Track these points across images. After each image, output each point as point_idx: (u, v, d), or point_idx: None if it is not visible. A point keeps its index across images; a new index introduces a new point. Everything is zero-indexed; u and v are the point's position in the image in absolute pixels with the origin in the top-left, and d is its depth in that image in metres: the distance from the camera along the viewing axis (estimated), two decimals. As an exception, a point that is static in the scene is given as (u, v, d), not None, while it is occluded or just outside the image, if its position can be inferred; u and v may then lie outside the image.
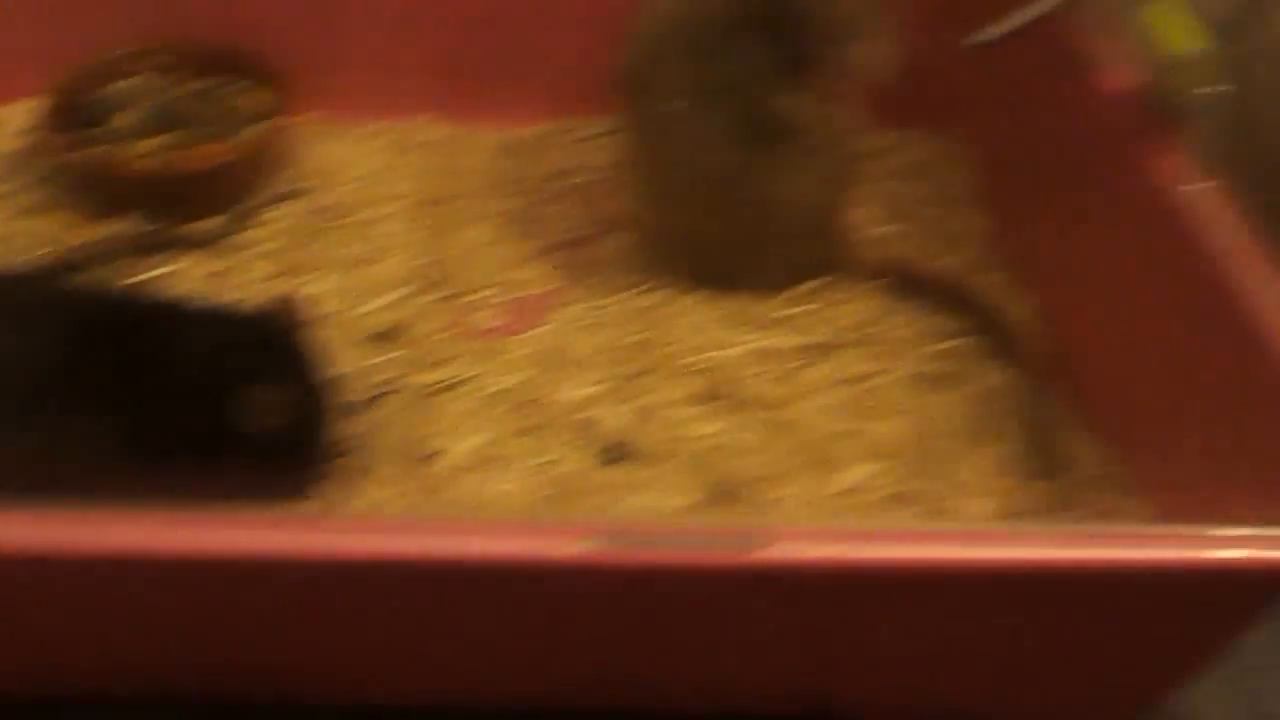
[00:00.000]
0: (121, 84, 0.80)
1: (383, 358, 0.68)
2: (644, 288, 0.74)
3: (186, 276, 0.73)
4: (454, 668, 0.51)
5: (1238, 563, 0.44)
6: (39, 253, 0.72)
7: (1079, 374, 0.67)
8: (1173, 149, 0.62)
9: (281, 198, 0.78)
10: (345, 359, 0.67)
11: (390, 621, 0.48)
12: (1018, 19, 0.68)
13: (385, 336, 0.70)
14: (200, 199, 0.76)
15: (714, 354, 0.69)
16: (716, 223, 0.72)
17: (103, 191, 0.75)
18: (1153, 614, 0.50)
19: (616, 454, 0.63)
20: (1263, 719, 0.57)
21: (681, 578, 0.44)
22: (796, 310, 0.72)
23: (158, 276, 0.72)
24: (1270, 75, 0.66)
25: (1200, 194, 0.59)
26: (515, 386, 0.68)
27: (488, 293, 0.73)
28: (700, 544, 0.42)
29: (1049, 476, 0.63)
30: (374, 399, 0.66)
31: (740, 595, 0.46)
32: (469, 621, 0.48)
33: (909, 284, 0.74)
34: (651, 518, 0.44)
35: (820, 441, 0.65)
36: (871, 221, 0.78)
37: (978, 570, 0.45)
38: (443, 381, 0.68)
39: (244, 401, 0.57)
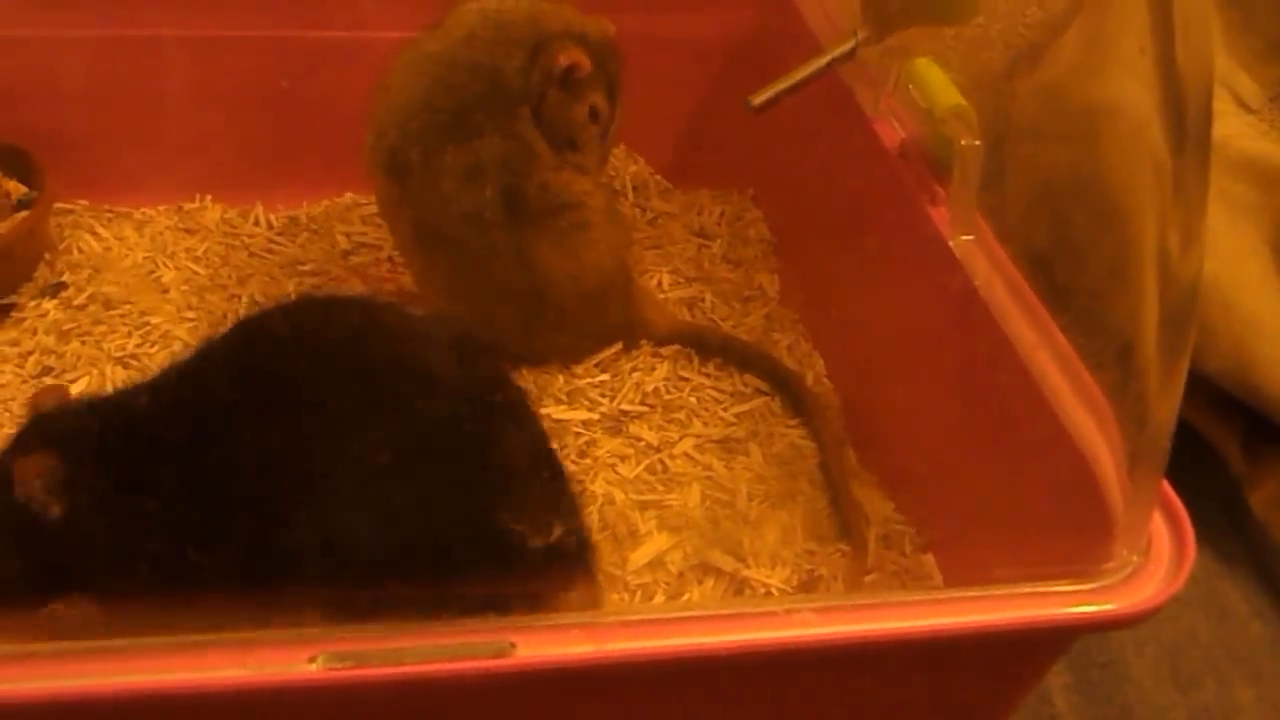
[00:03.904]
0: None
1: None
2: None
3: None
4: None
5: (1008, 625, 0.44)
6: None
7: (869, 431, 0.67)
8: (942, 200, 0.62)
9: (44, 292, 0.73)
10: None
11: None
12: (795, 77, 0.68)
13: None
14: (-51, 302, 0.71)
15: (507, 431, 0.67)
16: (496, 300, 0.70)
17: None
18: (948, 674, 0.49)
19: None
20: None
21: (433, 689, 0.41)
22: (590, 381, 0.71)
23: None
24: (1021, 126, 0.68)
25: (968, 245, 0.59)
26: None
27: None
28: (447, 654, 0.39)
29: (846, 538, 0.63)
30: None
31: (500, 700, 0.43)
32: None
33: (702, 347, 0.73)
34: (382, 628, 0.41)
35: (619, 516, 0.63)
36: (667, 284, 0.77)
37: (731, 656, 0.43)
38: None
39: None
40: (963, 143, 0.58)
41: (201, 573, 0.49)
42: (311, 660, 0.39)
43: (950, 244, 0.60)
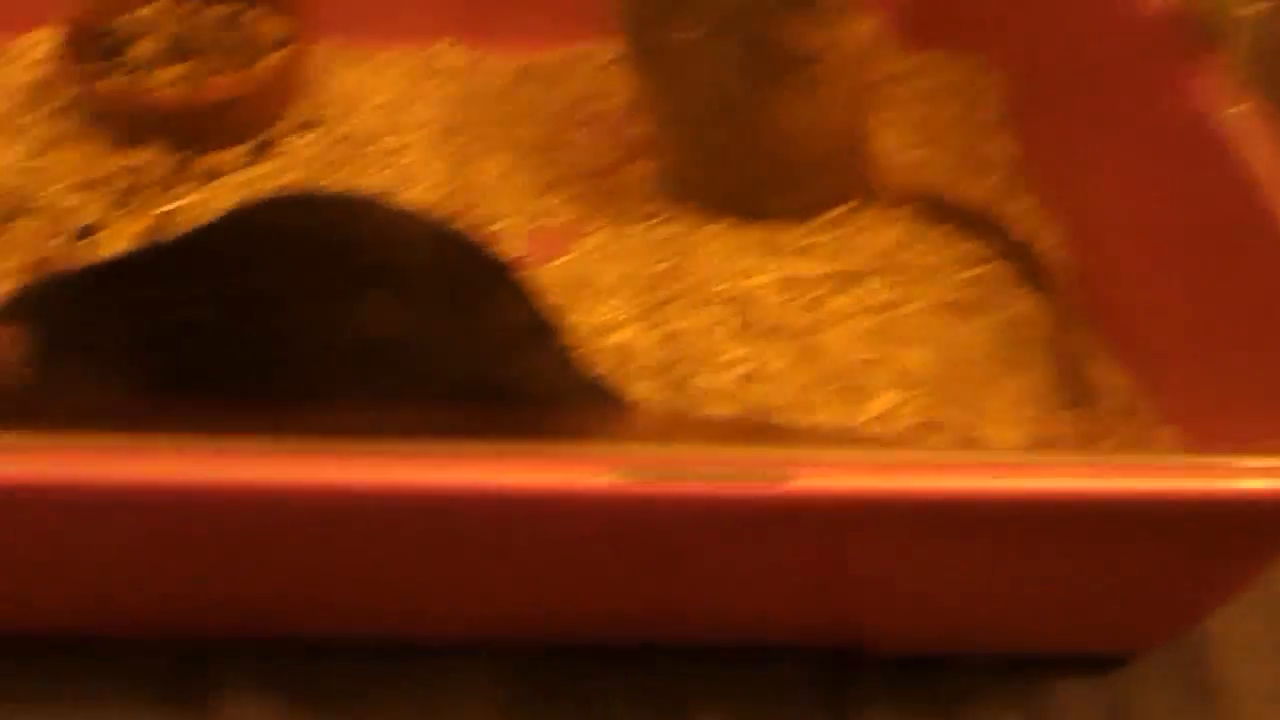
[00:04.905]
0: (139, 12, 0.79)
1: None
2: (667, 216, 0.73)
3: (208, 210, 0.72)
4: (473, 602, 0.52)
5: (1265, 493, 0.44)
6: (63, 185, 0.72)
7: (1107, 301, 0.67)
8: (1210, 70, 0.61)
9: (301, 127, 0.77)
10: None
11: (411, 554, 0.48)
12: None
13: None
14: (221, 129, 0.75)
15: (740, 282, 0.69)
16: (735, 152, 0.71)
17: (123, 122, 0.75)
18: (1181, 544, 0.50)
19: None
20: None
21: (709, 510, 0.43)
22: (821, 238, 0.72)
23: (180, 209, 0.72)
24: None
25: (1237, 116, 0.57)
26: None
27: (509, 223, 0.73)
28: (728, 475, 0.42)
29: (1077, 406, 0.63)
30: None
31: (767, 527, 0.46)
32: (490, 554, 0.48)
33: (935, 210, 0.73)
34: (678, 449, 0.44)
35: (848, 369, 0.64)
36: (897, 146, 0.77)
37: (1009, 501, 0.45)
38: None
39: None
40: (1244, 9, 0.56)
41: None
42: (609, 474, 0.41)
43: (1214, 117, 0.59)
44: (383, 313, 0.55)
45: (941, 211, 0.73)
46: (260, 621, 0.53)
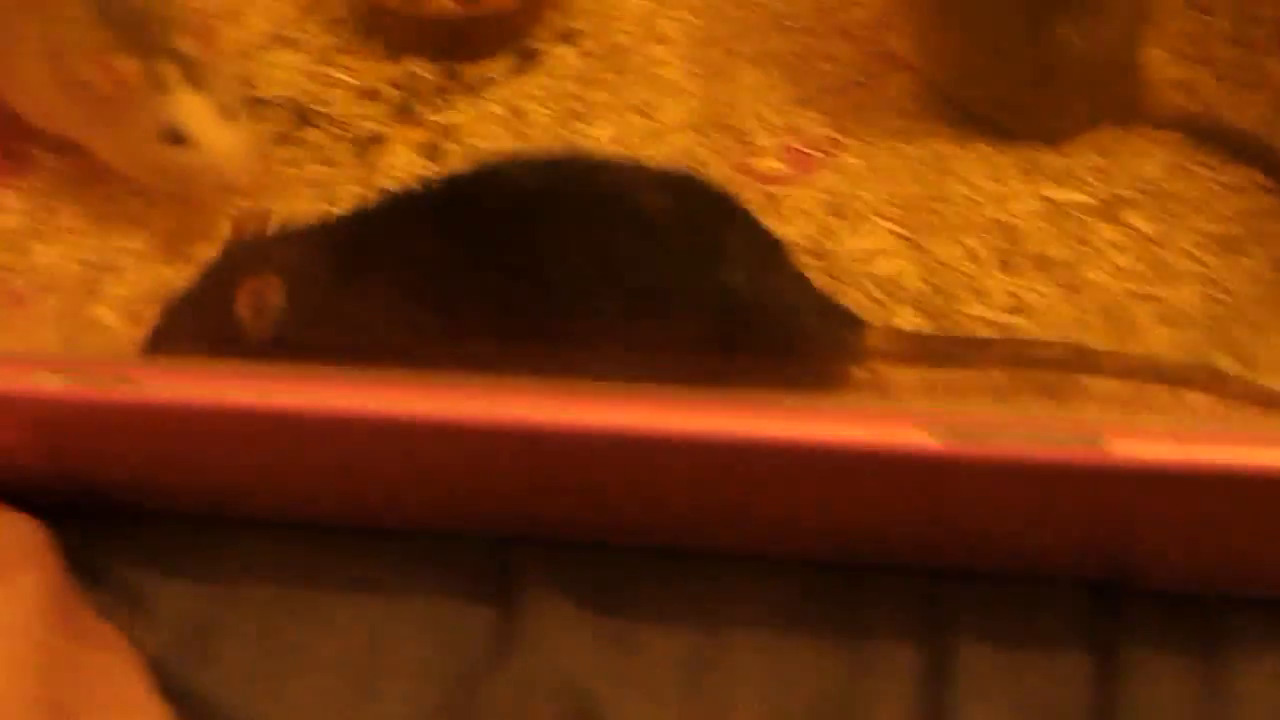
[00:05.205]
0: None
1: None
2: (925, 134, 0.73)
3: (471, 122, 0.75)
4: (760, 525, 0.55)
5: None
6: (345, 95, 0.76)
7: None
8: None
9: (561, 38, 0.79)
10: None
11: (712, 488, 0.51)
12: None
13: (671, 183, 0.72)
14: (488, 39, 0.77)
15: (1003, 207, 0.69)
16: (1005, 67, 0.70)
17: (396, 34, 0.77)
18: None
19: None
20: None
21: (1017, 469, 0.45)
22: (1083, 161, 0.71)
23: (444, 122, 0.75)
24: None
25: None
26: (802, 238, 0.69)
27: (766, 139, 0.74)
28: (1046, 439, 0.44)
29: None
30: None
31: (1067, 481, 0.47)
32: (789, 493, 0.51)
33: (1206, 134, 0.71)
34: (986, 410, 0.45)
35: (1114, 305, 0.64)
36: (1165, 63, 0.75)
37: None
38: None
39: None
40: None
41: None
42: (925, 432, 0.44)
43: None
44: (632, 259, 0.58)
45: (1212, 135, 0.71)
46: (560, 527, 0.57)
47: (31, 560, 0.52)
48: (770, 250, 0.62)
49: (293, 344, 0.57)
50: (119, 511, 0.58)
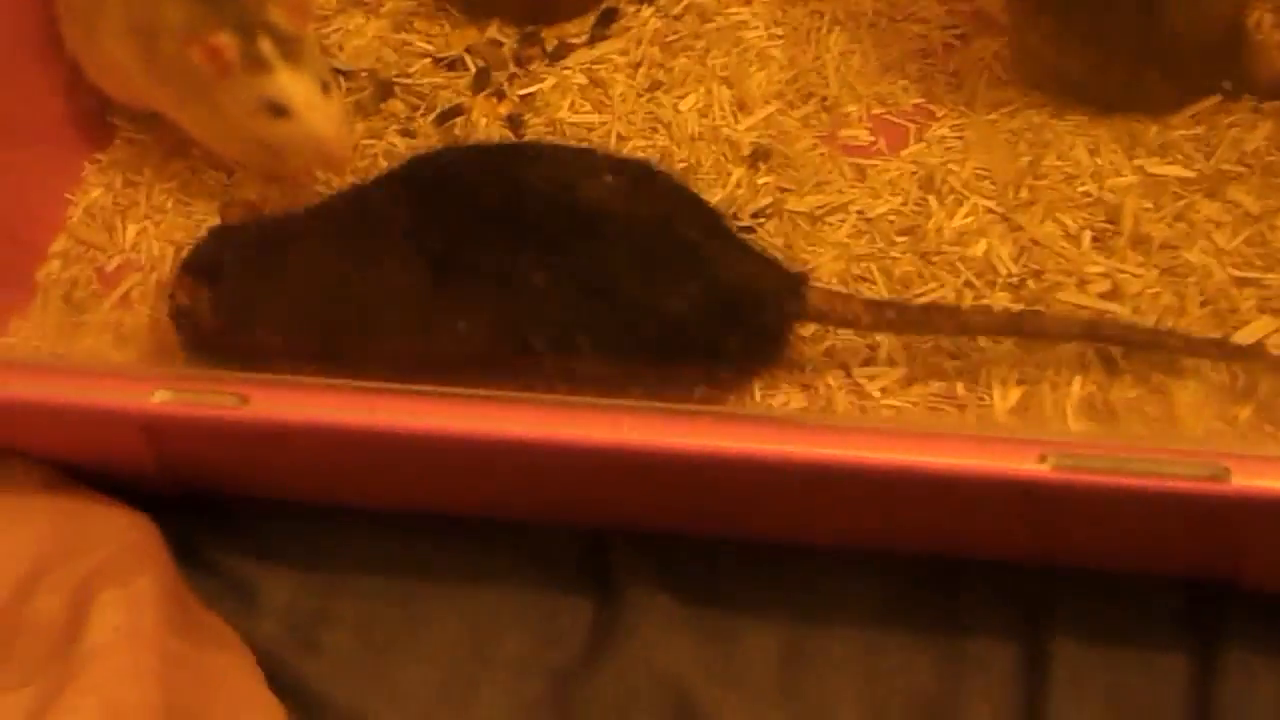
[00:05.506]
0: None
1: (758, 180, 0.69)
2: (1020, 104, 0.71)
3: (552, 92, 0.74)
4: (861, 530, 0.55)
5: None
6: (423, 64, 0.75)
7: None
8: None
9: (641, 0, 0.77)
10: (720, 181, 0.69)
11: (819, 499, 0.52)
12: None
13: (757, 156, 0.70)
14: (564, 3, 0.76)
15: (1101, 183, 0.67)
16: (1107, 36, 0.67)
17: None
18: None
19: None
20: None
21: (1135, 496, 0.45)
22: (1185, 134, 0.68)
23: (527, 92, 0.74)
24: None
25: None
26: (891, 213, 0.68)
27: (854, 108, 0.72)
28: (1168, 471, 0.43)
29: None
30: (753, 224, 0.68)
31: (1182, 505, 0.47)
32: (891, 506, 0.51)
33: (1313, 105, 0.69)
34: (1099, 436, 0.45)
35: (1216, 290, 0.63)
36: (1270, 25, 0.72)
37: None
38: (822, 206, 0.68)
39: None
40: None
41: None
42: (1042, 460, 0.43)
43: None
44: (605, 260, 0.58)
45: (1320, 105, 0.69)
46: (660, 522, 0.57)
47: (146, 561, 0.53)
48: (714, 220, 0.62)
49: (215, 342, 0.61)
50: (225, 504, 0.59)
